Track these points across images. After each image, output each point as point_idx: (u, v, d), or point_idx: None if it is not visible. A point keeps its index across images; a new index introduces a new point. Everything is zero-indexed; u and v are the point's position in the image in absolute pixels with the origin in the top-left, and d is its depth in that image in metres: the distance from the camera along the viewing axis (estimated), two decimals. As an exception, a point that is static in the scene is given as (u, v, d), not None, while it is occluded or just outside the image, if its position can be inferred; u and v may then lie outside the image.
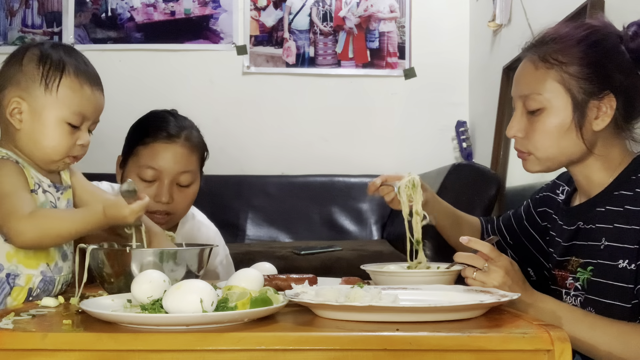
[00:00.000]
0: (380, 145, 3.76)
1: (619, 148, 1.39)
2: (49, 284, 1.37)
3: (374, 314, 1.02)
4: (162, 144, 1.83)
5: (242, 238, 3.44)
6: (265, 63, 3.79)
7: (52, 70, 1.37)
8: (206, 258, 1.40)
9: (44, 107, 1.37)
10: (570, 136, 1.36)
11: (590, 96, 1.34)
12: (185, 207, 1.90)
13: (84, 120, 1.40)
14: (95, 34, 3.75)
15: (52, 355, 0.95)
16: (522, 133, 1.40)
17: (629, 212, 1.32)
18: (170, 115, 1.91)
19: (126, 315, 1.01)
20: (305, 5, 3.79)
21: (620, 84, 1.34)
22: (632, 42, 1.35)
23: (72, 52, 1.44)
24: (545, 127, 1.36)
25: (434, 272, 1.46)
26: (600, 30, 1.38)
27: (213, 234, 2.04)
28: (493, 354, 0.95)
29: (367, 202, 3.53)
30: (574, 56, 1.35)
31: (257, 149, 3.77)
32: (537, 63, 1.38)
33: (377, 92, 3.79)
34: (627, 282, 1.30)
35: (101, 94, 1.45)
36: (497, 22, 3.19)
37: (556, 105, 1.36)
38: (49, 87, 1.36)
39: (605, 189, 1.38)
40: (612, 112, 1.34)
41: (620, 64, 1.35)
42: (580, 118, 1.34)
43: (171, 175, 1.82)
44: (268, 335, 0.96)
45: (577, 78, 1.34)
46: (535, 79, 1.38)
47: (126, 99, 3.61)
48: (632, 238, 1.29)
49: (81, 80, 1.40)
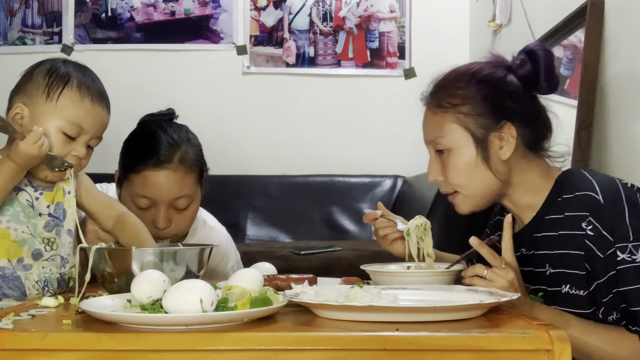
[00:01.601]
0: (380, 145, 3.76)
1: (537, 170, 1.43)
2: (12, 281, 1.38)
3: (373, 314, 1.02)
4: (153, 171, 1.71)
5: (242, 238, 3.44)
6: (265, 63, 3.79)
7: (57, 81, 1.43)
8: (206, 258, 1.40)
9: (43, 114, 1.41)
10: (482, 170, 1.41)
11: (489, 129, 1.40)
12: (186, 227, 1.82)
13: (80, 133, 1.44)
14: (95, 34, 3.75)
15: (52, 355, 0.95)
16: (440, 176, 1.46)
17: (563, 236, 1.34)
18: (161, 130, 1.77)
19: (126, 315, 1.02)
20: (305, 5, 3.79)
21: (514, 112, 1.40)
22: (520, 69, 1.42)
23: (82, 69, 1.50)
24: (455, 167, 1.42)
25: (434, 272, 1.47)
26: (485, 67, 1.45)
27: (225, 239, 2.00)
28: (493, 354, 0.95)
29: (367, 202, 3.53)
30: (465, 96, 1.41)
31: (257, 149, 3.77)
32: (434, 110, 1.46)
33: (377, 92, 3.79)
34: (576, 307, 1.32)
35: (103, 110, 1.49)
36: (497, 22, 3.19)
37: (459, 144, 1.41)
38: (50, 96, 1.42)
39: (537, 214, 1.41)
40: (514, 139, 1.40)
41: (510, 93, 1.41)
42: (485, 152, 1.40)
43: (166, 202, 1.73)
44: (268, 335, 0.96)
45: (472, 115, 1.40)
46: (435, 125, 1.45)
47: (126, 99, 3.60)
48: (572, 263, 1.32)
49: (83, 93, 1.45)
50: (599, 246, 1.28)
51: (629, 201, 1.29)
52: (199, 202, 1.83)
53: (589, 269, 1.30)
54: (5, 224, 1.39)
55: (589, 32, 2.17)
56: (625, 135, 2.01)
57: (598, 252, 1.28)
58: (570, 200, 1.35)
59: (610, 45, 2.12)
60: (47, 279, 1.42)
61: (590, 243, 1.29)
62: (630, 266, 1.25)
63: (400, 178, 3.58)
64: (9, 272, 1.38)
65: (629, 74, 2.01)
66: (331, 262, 2.70)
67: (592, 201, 1.30)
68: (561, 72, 2.46)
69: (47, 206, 1.45)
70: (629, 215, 1.28)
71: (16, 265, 1.39)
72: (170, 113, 1.88)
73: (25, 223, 1.41)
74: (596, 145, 2.14)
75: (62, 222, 1.47)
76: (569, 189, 1.36)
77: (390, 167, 3.64)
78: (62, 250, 1.46)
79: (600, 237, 1.28)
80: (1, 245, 1.38)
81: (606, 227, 1.28)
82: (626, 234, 1.26)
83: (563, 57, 2.45)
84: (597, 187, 1.32)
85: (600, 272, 1.28)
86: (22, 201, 1.41)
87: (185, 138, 1.79)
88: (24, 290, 1.40)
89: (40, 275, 1.41)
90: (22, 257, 1.40)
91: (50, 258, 1.43)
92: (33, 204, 1.43)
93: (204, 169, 1.83)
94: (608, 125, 2.10)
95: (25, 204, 1.41)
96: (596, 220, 1.29)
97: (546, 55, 1.42)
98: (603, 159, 2.11)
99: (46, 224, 1.44)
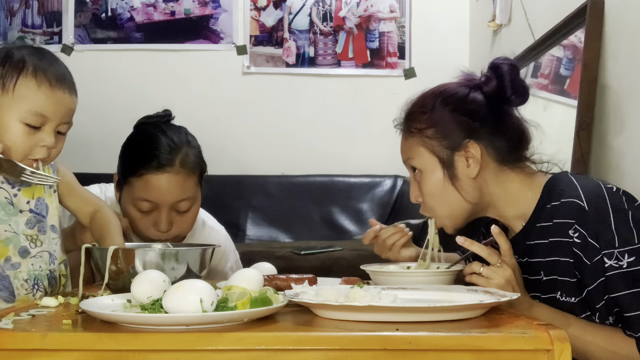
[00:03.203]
0: (380, 145, 3.75)
1: (516, 181, 1.44)
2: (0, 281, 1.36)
3: (373, 314, 1.02)
4: (155, 174, 1.71)
5: (242, 238, 3.44)
6: (265, 63, 3.79)
7: (10, 70, 1.36)
8: (208, 258, 1.40)
9: (1, 107, 1.35)
10: (451, 190, 1.43)
11: (453, 149, 1.42)
12: (186, 230, 1.82)
13: (44, 121, 1.37)
14: (95, 34, 3.75)
15: (52, 355, 0.95)
16: (420, 197, 1.49)
17: (553, 244, 1.34)
18: (160, 133, 1.77)
19: (126, 315, 1.01)
20: (305, 5, 3.79)
21: (477, 130, 1.42)
22: (485, 86, 1.44)
23: (39, 53, 1.42)
24: (427, 188, 1.46)
25: (434, 272, 1.47)
26: (450, 87, 1.47)
27: (224, 239, 2.00)
28: (493, 354, 0.95)
29: (367, 202, 3.54)
30: (428, 120, 1.45)
31: (257, 149, 3.77)
32: (405, 134, 1.50)
33: (377, 92, 3.79)
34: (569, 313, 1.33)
35: (64, 93, 1.40)
36: (497, 22, 3.19)
37: (427, 166, 1.45)
38: (5, 87, 1.35)
39: (528, 222, 1.41)
40: (478, 157, 1.41)
41: (472, 111, 1.43)
42: (451, 171, 1.43)
43: (168, 205, 1.73)
44: (268, 335, 0.96)
45: (436, 138, 1.43)
46: (406, 148, 1.50)
47: (126, 99, 3.62)
48: (563, 270, 1.32)
49: (40, 79, 1.37)
50: (586, 253, 1.28)
51: (614, 207, 1.29)
52: (199, 204, 1.83)
53: (579, 276, 1.30)
54: None
55: (589, 32, 2.17)
56: (625, 135, 2.01)
57: (585, 259, 1.28)
58: (557, 207, 1.35)
59: (610, 45, 2.12)
60: (37, 277, 1.40)
61: (578, 250, 1.29)
62: (618, 272, 1.25)
63: (400, 178, 3.58)
64: None
65: (629, 74, 2.01)
66: (331, 262, 2.70)
67: (577, 208, 1.30)
68: (561, 72, 2.46)
69: (27, 202, 1.41)
70: (614, 220, 1.27)
71: (4, 265, 1.36)
72: (167, 114, 1.86)
73: (6, 221, 1.37)
74: (596, 145, 2.14)
75: (45, 218, 1.44)
76: (555, 195, 1.37)
77: (390, 167, 3.64)
78: (48, 247, 1.43)
79: (587, 244, 1.28)
80: None
81: (592, 234, 1.28)
82: (612, 240, 1.26)
83: (563, 57, 2.45)
84: (581, 193, 1.32)
85: (589, 279, 1.28)
86: (1, 199, 1.37)
87: (185, 140, 1.78)
88: (12, 290, 1.37)
89: (29, 273, 1.39)
90: (9, 256, 1.37)
91: (37, 255, 1.41)
92: (12, 200, 1.39)
93: (204, 170, 1.83)
94: (608, 125, 2.10)
95: (4, 201, 1.37)
96: (582, 227, 1.29)
97: (511, 69, 1.42)
98: (603, 159, 2.11)
99: (28, 220, 1.40)
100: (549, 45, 2.54)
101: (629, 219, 1.28)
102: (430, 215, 1.51)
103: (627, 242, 1.26)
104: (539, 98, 2.52)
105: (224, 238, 2.01)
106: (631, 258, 1.25)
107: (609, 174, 2.05)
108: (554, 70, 2.51)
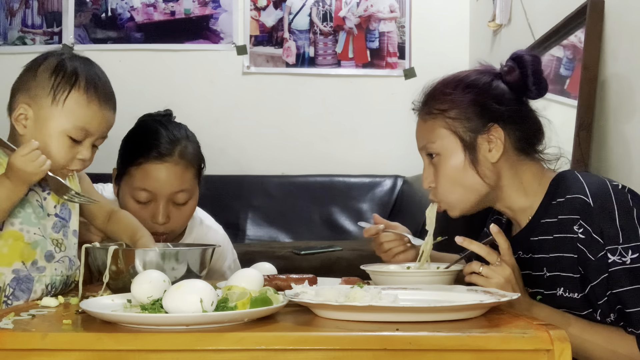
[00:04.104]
0: (380, 145, 3.76)
1: (530, 172, 1.44)
2: (24, 283, 1.36)
3: (373, 314, 1.02)
4: (154, 164, 1.74)
5: (242, 238, 3.44)
6: (265, 63, 3.79)
7: (63, 83, 1.38)
8: (209, 258, 1.40)
9: (48, 117, 1.37)
10: (471, 174, 1.42)
11: (477, 132, 1.42)
12: (182, 224, 1.84)
13: (86, 136, 1.40)
14: (95, 34, 3.75)
15: (52, 355, 0.95)
16: (433, 183, 1.48)
17: (558, 240, 1.35)
18: (161, 127, 1.81)
19: (126, 315, 1.02)
20: (305, 5, 3.79)
21: (501, 114, 1.42)
22: (508, 75, 1.44)
23: (89, 66, 1.44)
24: (445, 172, 1.44)
25: (434, 272, 1.47)
26: (472, 73, 1.48)
27: (221, 237, 2.01)
28: (493, 354, 0.95)
29: (367, 202, 3.53)
30: (452, 102, 1.44)
31: (257, 149, 3.77)
32: (424, 117, 1.49)
33: (377, 92, 3.79)
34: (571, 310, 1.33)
35: (110, 111, 1.44)
36: (497, 22, 3.19)
37: (448, 148, 1.44)
38: (56, 99, 1.37)
39: (533, 218, 1.42)
40: (502, 141, 1.41)
41: (496, 96, 1.43)
42: (473, 155, 1.42)
43: (166, 195, 1.76)
44: (268, 335, 0.96)
45: (459, 119, 1.43)
46: (426, 131, 1.48)
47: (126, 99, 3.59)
48: (567, 266, 1.33)
49: (90, 96, 1.40)
50: (590, 249, 1.29)
51: (619, 203, 1.29)
52: (196, 199, 1.85)
53: (582, 272, 1.31)
54: (18, 226, 1.36)
55: (589, 32, 2.17)
56: (625, 135, 2.01)
57: (589, 255, 1.28)
58: (562, 204, 1.36)
59: (610, 45, 2.12)
60: (56, 282, 1.41)
61: (582, 246, 1.30)
62: (622, 268, 1.26)
63: (400, 178, 3.58)
64: (24, 275, 1.35)
65: (629, 74, 2.01)
66: (331, 262, 2.70)
67: (583, 204, 1.31)
68: (561, 72, 2.46)
69: (54, 206, 1.42)
70: (619, 217, 1.28)
71: (30, 268, 1.36)
72: (168, 114, 1.90)
73: (36, 224, 1.38)
74: (596, 145, 2.15)
75: (68, 223, 1.45)
76: (561, 192, 1.37)
77: (390, 167, 3.64)
78: (69, 252, 1.44)
79: (591, 239, 1.29)
80: (15, 247, 1.35)
81: (596, 229, 1.28)
82: (616, 236, 1.27)
83: (563, 57, 2.45)
84: (587, 189, 1.32)
85: (593, 275, 1.28)
86: (33, 202, 1.38)
87: (184, 135, 1.82)
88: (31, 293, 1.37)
89: (52, 278, 1.39)
90: (36, 259, 1.37)
91: (60, 260, 1.41)
92: (42, 204, 1.39)
93: (202, 166, 1.86)
94: (608, 125, 2.10)
95: (35, 204, 1.38)
96: (586, 223, 1.29)
97: (534, 60, 1.44)
98: (603, 159, 2.11)
99: (54, 224, 1.41)
100: (549, 45, 2.54)
101: (634, 216, 1.29)
102: (440, 201, 1.48)
103: (631, 239, 1.27)
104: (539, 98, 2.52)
105: (222, 237, 2.02)
106: (635, 255, 1.26)
107: (609, 174, 2.05)
108: (554, 70, 2.51)
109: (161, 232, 1.75)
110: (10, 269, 1.34)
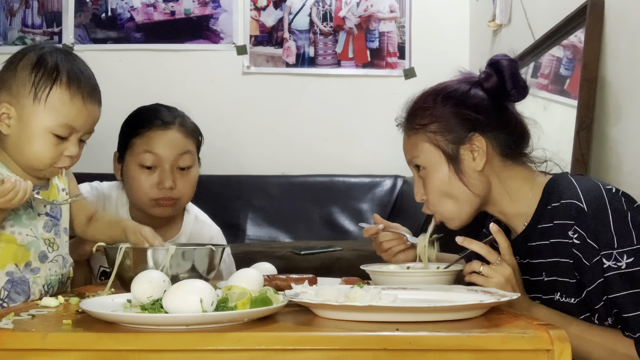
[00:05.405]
0: (381, 145, 3.75)
1: (519, 177, 1.44)
2: (19, 285, 1.35)
3: (373, 314, 1.02)
4: (158, 131, 1.85)
5: (242, 238, 3.44)
6: (265, 63, 3.79)
7: (44, 80, 1.33)
8: (218, 259, 1.43)
9: (31, 116, 1.33)
10: (457, 184, 1.43)
11: (459, 143, 1.42)
12: (189, 192, 1.91)
13: (72, 132, 1.37)
14: (95, 34, 3.75)
15: (52, 355, 0.95)
16: (425, 196, 1.49)
17: (554, 245, 1.35)
18: (160, 105, 1.93)
19: (126, 315, 1.02)
20: (305, 5, 3.79)
21: (481, 122, 1.42)
22: (486, 82, 1.44)
23: (71, 59, 1.39)
24: (433, 184, 1.45)
25: (434, 272, 1.47)
26: (450, 84, 1.48)
27: (216, 233, 2.05)
28: (493, 354, 0.95)
29: (367, 202, 3.53)
30: (432, 115, 1.45)
31: (257, 149, 3.76)
32: (408, 132, 1.50)
33: (377, 92, 3.78)
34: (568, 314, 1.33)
35: (95, 106, 1.40)
36: (497, 22, 3.19)
37: (432, 161, 1.44)
38: (37, 97, 1.33)
39: (530, 223, 1.42)
40: (484, 149, 1.41)
41: (475, 105, 1.43)
42: (457, 166, 1.42)
43: (171, 159, 1.84)
44: (268, 335, 0.96)
45: (441, 132, 1.43)
46: (410, 146, 1.49)
47: (126, 99, 3.59)
48: (564, 271, 1.33)
49: (73, 91, 1.35)
50: (585, 254, 1.29)
51: (613, 208, 1.29)
52: (198, 169, 1.93)
53: (578, 277, 1.31)
54: (9, 229, 1.35)
55: (589, 32, 2.17)
56: (625, 135, 2.01)
57: (585, 260, 1.28)
58: (557, 208, 1.36)
59: (610, 45, 2.12)
60: (52, 282, 1.41)
61: (577, 251, 1.30)
62: (617, 273, 1.25)
63: (400, 178, 3.58)
64: (18, 277, 1.35)
65: (629, 74, 2.01)
66: (331, 262, 2.70)
67: (577, 209, 1.31)
68: (561, 72, 2.46)
69: (44, 205, 1.41)
70: (613, 221, 1.28)
71: (24, 270, 1.36)
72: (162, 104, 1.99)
73: (28, 225, 1.37)
74: (596, 145, 2.14)
75: (59, 221, 1.45)
76: (555, 196, 1.37)
77: (390, 167, 3.64)
78: (62, 250, 1.44)
79: (586, 245, 1.28)
80: (8, 250, 1.34)
81: (591, 235, 1.28)
82: (610, 241, 1.27)
83: (563, 57, 2.45)
84: (581, 194, 1.32)
85: (589, 280, 1.28)
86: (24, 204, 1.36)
87: (181, 113, 1.94)
88: (29, 295, 1.37)
89: (47, 278, 1.39)
90: (30, 260, 1.37)
91: (54, 259, 1.41)
92: (31, 203, 1.38)
93: (200, 141, 1.95)
94: (608, 125, 2.10)
95: (25, 204, 1.36)
96: (581, 228, 1.29)
97: (510, 64, 1.43)
98: (603, 159, 2.11)
99: (45, 224, 1.41)
100: (549, 45, 2.54)
101: (628, 220, 1.28)
102: (434, 213, 1.50)
103: (625, 243, 1.26)
104: (539, 98, 2.52)
105: (216, 232, 2.06)
106: (630, 259, 1.25)
107: (609, 174, 2.05)
108: (554, 70, 2.51)
109: (168, 197, 1.83)
110: (3, 271, 1.34)
